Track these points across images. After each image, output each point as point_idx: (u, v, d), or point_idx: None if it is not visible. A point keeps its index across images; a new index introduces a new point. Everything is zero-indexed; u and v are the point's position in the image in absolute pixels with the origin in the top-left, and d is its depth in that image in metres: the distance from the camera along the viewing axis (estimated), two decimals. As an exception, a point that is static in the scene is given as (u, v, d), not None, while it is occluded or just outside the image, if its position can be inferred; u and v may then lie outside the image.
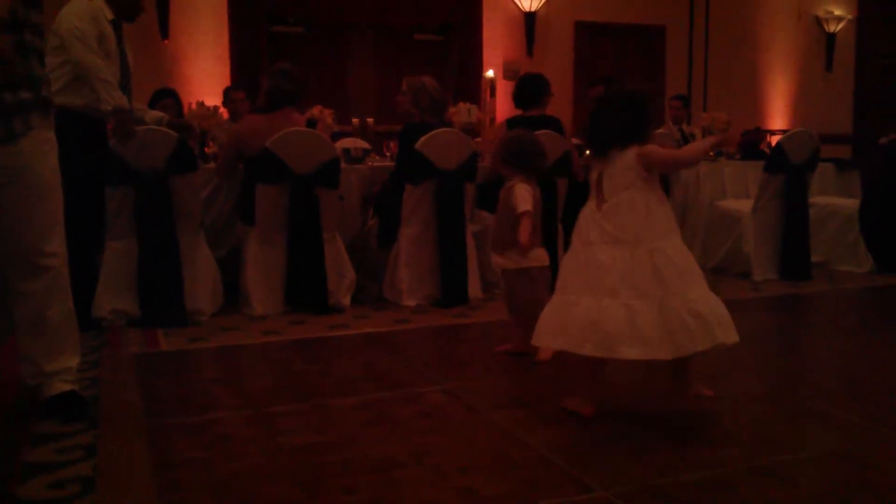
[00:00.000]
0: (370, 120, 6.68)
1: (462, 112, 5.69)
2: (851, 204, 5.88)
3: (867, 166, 6.85)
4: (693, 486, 2.14)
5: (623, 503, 2.03)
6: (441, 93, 4.71)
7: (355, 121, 6.87)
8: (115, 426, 2.60)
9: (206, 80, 7.22)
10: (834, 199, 6.11)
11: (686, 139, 7.22)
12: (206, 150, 5.04)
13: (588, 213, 2.67)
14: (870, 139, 7.64)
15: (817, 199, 5.93)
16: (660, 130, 5.38)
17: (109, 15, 3.85)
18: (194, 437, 2.47)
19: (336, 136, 6.31)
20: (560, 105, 7.92)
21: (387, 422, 2.62)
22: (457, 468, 2.23)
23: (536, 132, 4.76)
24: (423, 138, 4.42)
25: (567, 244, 3.96)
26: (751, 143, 6.55)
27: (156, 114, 4.31)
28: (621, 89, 2.81)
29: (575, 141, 5.28)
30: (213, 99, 6.22)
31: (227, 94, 6.23)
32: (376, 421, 2.63)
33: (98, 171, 3.93)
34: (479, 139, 5.68)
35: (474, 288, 4.67)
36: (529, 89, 5.07)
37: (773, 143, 6.27)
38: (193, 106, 5.24)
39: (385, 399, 2.84)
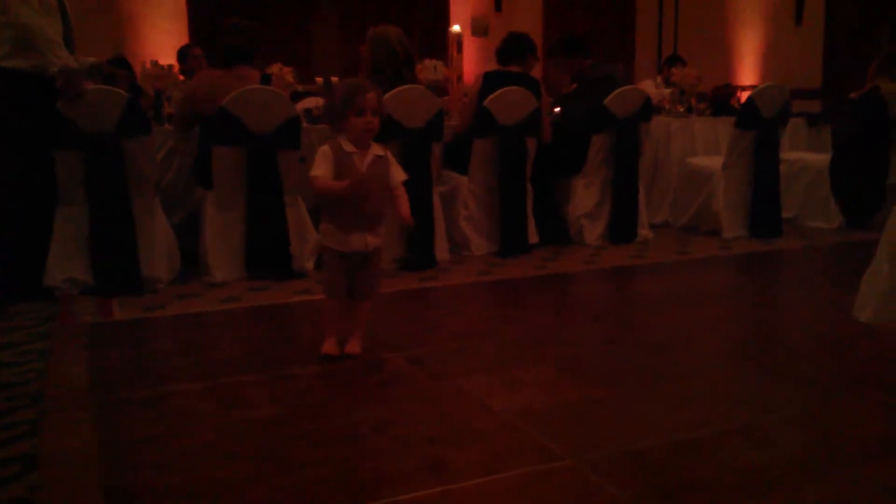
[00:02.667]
0: (335, 78, 6.49)
1: (428, 69, 5.53)
2: (822, 159, 5.83)
3: (838, 121, 6.80)
4: (666, 450, 2.06)
5: (593, 471, 1.95)
6: (405, 47, 4.50)
7: (319, 79, 6.67)
8: (60, 402, 2.46)
9: (162, 38, 6.96)
10: (805, 155, 6.06)
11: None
12: (163, 111, 4.84)
13: None
14: (840, 93, 7.59)
15: (788, 155, 5.88)
16: (633, 87, 5.27)
17: None
18: (145, 413, 2.35)
19: (299, 96, 6.13)
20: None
21: (349, 391, 2.52)
22: (423, 438, 2.14)
23: (509, 87, 4.67)
24: (387, 95, 4.25)
25: (537, 206, 3.75)
26: (721, 99, 6.45)
27: (89, 60, 4.17)
28: None
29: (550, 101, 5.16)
30: (169, 58, 6.00)
31: (184, 52, 6.00)
32: (339, 391, 2.52)
33: (47, 134, 3.75)
34: (446, 97, 5.53)
35: (441, 250, 4.57)
36: (513, 45, 4.93)
37: (743, 99, 6.18)
38: (147, 65, 5.03)
39: (348, 367, 2.73)
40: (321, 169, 2.72)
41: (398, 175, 2.87)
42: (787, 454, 2.07)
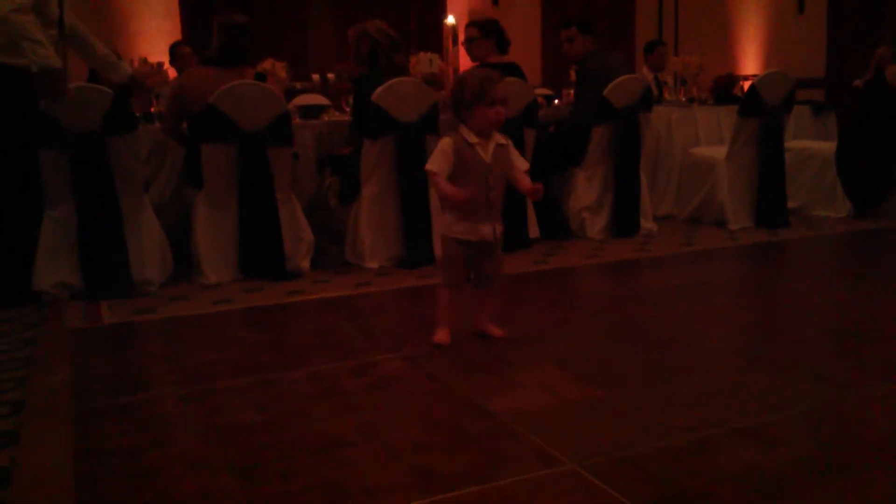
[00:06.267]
0: (331, 75, 6.39)
1: (423, 62, 5.42)
2: (828, 147, 5.70)
3: (842, 109, 6.67)
4: (668, 453, 1.95)
5: (593, 476, 1.84)
6: (385, 32, 4.34)
7: (315, 76, 6.58)
8: (40, 411, 2.37)
9: (155, 36, 6.87)
10: (810, 143, 5.93)
11: (660, 87, 7.00)
12: (150, 109, 4.75)
13: None
14: (844, 81, 7.46)
15: (793, 144, 5.75)
16: (633, 75, 5.14)
17: None
18: (124, 421, 2.25)
19: (295, 93, 6.04)
20: (528, 54, 7.66)
21: (337, 396, 2.41)
22: (410, 445, 2.03)
23: (509, 80, 4.55)
24: (379, 89, 4.15)
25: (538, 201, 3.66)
26: (724, 88, 6.33)
27: (123, 71, 4.10)
28: None
29: (543, 91, 5.05)
30: (161, 56, 5.91)
31: (175, 50, 5.90)
32: (325, 395, 2.41)
33: (31, 134, 3.66)
34: (443, 91, 5.42)
35: (438, 247, 4.46)
36: (503, 34, 4.82)
37: (746, 88, 6.06)
38: (136, 63, 4.93)
39: (337, 370, 2.63)
40: (437, 165, 2.75)
41: (520, 163, 2.91)
42: (797, 456, 1.96)
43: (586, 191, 5.01)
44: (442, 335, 2.88)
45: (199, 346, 3.06)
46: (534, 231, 4.81)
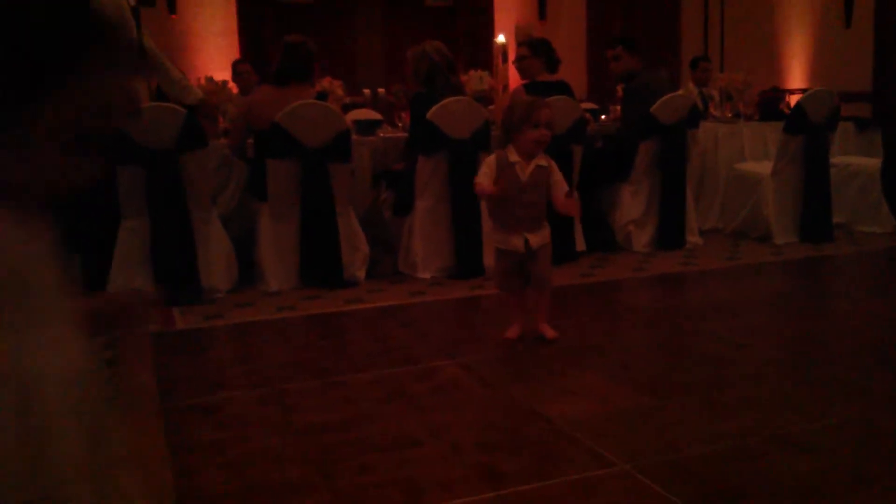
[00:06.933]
0: (381, 90, 6.61)
1: (474, 80, 5.61)
2: (873, 163, 5.75)
3: (888, 124, 6.69)
4: (714, 458, 2.10)
5: (644, 477, 1.99)
6: (443, 55, 4.55)
7: (366, 91, 6.80)
8: (131, 408, 2.59)
9: (214, 53, 7.16)
10: (855, 159, 5.99)
11: (705, 101, 7.09)
12: (218, 125, 5.00)
13: None
14: (890, 97, 7.46)
15: (838, 160, 5.81)
16: (679, 92, 5.27)
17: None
18: (208, 418, 2.46)
19: (347, 108, 6.26)
20: (574, 70, 7.80)
21: (402, 398, 2.60)
22: (474, 444, 2.20)
23: (554, 97, 4.72)
24: (434, 108, 4.34)
25: (584, 213, 3.82)
26: (769, 104, 6.41)
27: (194, 94, 4.36)
28: None
29: (589, 106, 5.20)
30: (223, 73, 6.18)
31: (235, 68, 6.17)
32: (391, 397, 2.60)
33: (107, 151, 3.91)
34: (492, 107, 5.60)
35: (489, 258, 4.61)
36: (553, 53, 5.00)
37: (792, 103, 6.14)
38: (202, 81, 5.19)
39: (400, 375, 2.82)
40: (482, 176, 3.04)
41: (560, 184, 3.10)
42: (835, 463, 2.09)
43: (632, 205, 5.15)
44: (511, 331, 3.19)
45: (269, 349, 3.28)
46: (580, 244, 4.95)
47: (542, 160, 3.06)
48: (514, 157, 3.03)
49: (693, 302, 4.06)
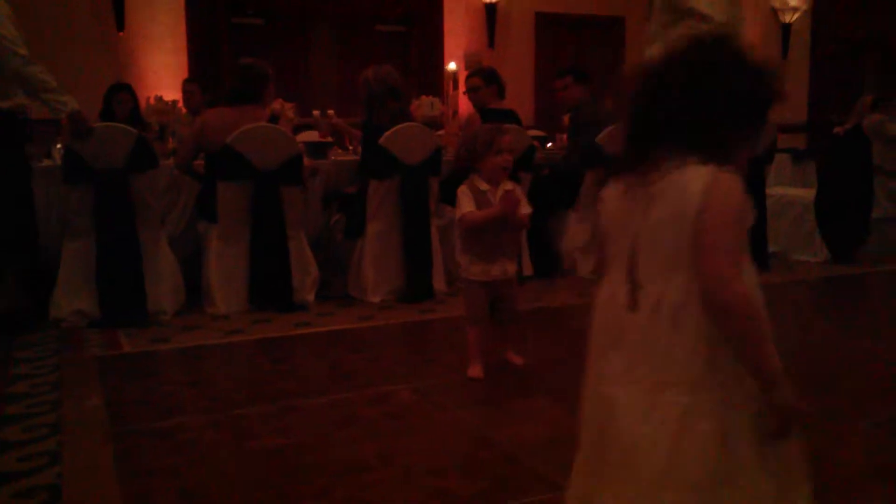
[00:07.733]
0: (331, 112, 6.62)
1: (425, 105, 5.68)
2: (807, 194, 5.99)
3: (823, 155, 6.97)
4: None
5: (592, 501, 2.05)
6: (385, 80, 4.52)
7: (316, 113, 6.81)
8: (79, 432, 2.56)
9: (163, 72, 7.08)
10: (790, 190, 6.22)
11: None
12: (166, 146, 4.97)
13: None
14: (825, 128, 7.77)
15: (774, 190, 6.04)
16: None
17: None
18: (161, 443, 2.45)
19: (297, 130, 6.25)
20: (522, 97, 7.95)
21: (355, 423, 2.62)
22: (427, 469, 2.24)
23: (509, 126, 4.81)
24: (387, 133, 4.40)
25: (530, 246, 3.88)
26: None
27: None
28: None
29: (536, 133, 5.31)
30: (172, 92, 6.13)
31: (183, 87, 6.12)
32: (345, 422, 2.62)
33: (23, 172, 3.87)
34: (441, 132, 5.68)
35: (439, 282, 4.68)
36: (501, 82, 5.12)
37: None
38: (151, 101, 5.16)
39: (353, 399, 2.84)
40: (468, 207, 3.02)
41: (524, 207, 3.11)
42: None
43: (578, 232, 5.26)
44: (475, 370, 3.09)
45: (219, 374, 3.27)
46: (528, 269, 5.04)
47: (508, 184, 3.14)
48: (483, 185, 3.07)
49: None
